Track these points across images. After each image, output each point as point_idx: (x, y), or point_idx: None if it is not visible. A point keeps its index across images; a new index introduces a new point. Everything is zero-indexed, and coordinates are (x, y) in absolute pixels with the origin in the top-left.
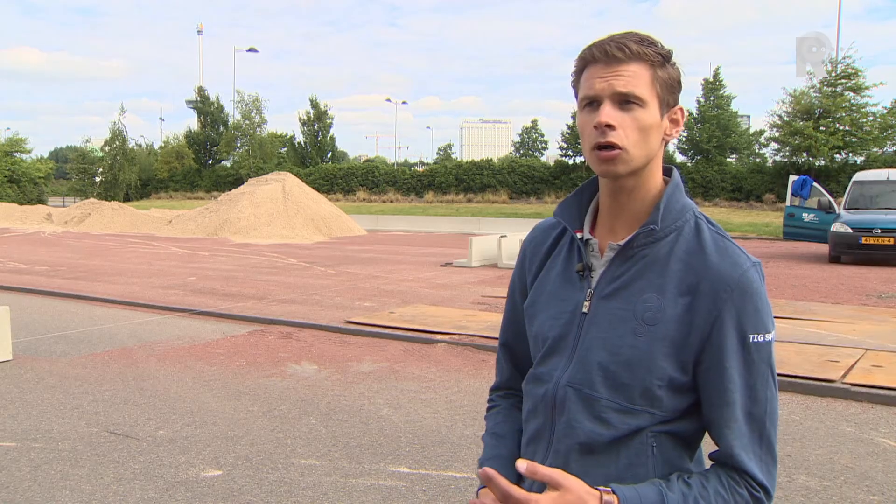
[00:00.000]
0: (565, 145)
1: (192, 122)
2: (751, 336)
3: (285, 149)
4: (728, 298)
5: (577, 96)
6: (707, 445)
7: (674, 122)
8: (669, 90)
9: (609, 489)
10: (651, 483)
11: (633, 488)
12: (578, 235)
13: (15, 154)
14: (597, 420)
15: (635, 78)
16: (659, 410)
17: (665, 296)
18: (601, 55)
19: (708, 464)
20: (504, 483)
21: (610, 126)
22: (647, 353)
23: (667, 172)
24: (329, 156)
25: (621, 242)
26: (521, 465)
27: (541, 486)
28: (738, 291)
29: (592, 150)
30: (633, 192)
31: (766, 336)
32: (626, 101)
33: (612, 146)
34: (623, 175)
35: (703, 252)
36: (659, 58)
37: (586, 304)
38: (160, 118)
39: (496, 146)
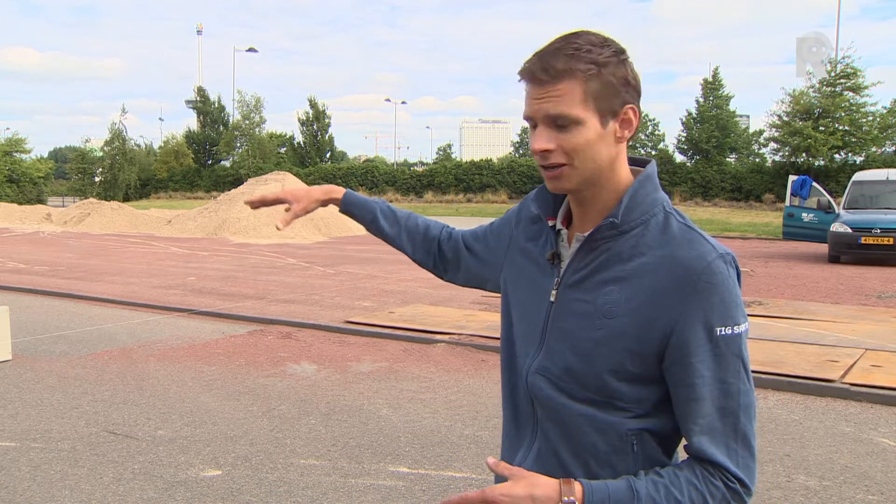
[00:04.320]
0: None
1: (191, 122)
2: (718, 329)
3: (284, 149)
4: (691, 292)
5: None
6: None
7: (625, 122)
8: (611, 96)
9: (571, 479)
10: (621, 478)
11: (601, 481)
12: (550, 223)
13: (15, 154)
14: (570, 407)
15: (565, 97)
16: (622, 402)
17: (625, 289)
18: (528, 77)
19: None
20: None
21: (547, 150)
22: (605, 346)
23: (644, 164)
24: (328, 156)
25: (586, 234)
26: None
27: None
28: (702, 284)
29: (540, 167)
30: (594, 198)
31: (735, 328)
32: (559, 122)
33: (553, 166)
34: (572, 190)
35: (667, 245)
36: (592, 68)
37: (553, 292)
38: (160, 118)
39: (495, 146)
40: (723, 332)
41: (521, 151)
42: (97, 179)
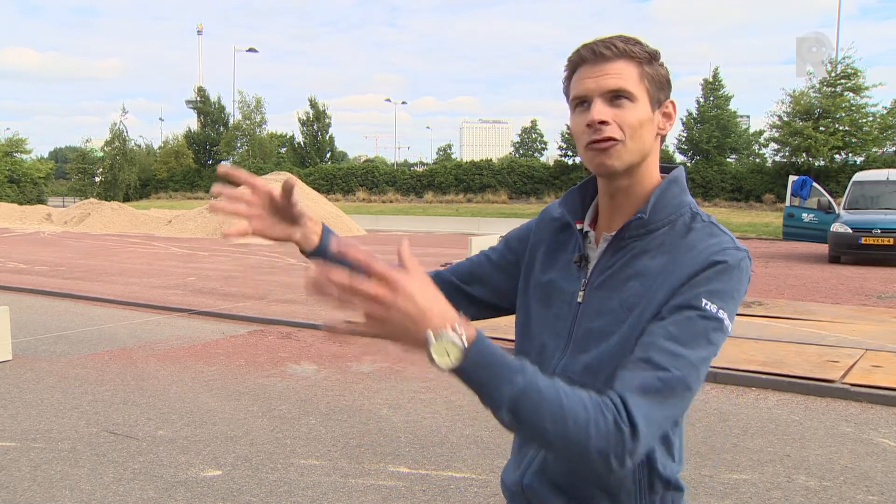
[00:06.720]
0: (564, 145)
1: (191, 122)
2: (703, 300)
3: (285, 149)
4: (699, 269)
5: (568, 99)
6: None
7: (666, 115)
8: (659, 86)
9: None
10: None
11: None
12: (578, 226)
13: (15, 154)
14: None
15: (623, 73)
16: None
17: (647, 283)
18: (589, 55)
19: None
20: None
21: (603, 122)
22: (626, 338)
23: (670, 170)
24: (328, 156)
25: (613, 233)
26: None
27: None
28: (713, 265)
29: (587, 148)
30: (629, 190)
31: (716, 310)
32: (616, 97)
33: (606, 140)
34: (618, 170)
35: (689, 240)
36: (646, 55)
37: (581, 294)
38: (160, 118)
39: (496, 146)
40: (704, 304)
41: (520, 152)
42: (97, 179)
